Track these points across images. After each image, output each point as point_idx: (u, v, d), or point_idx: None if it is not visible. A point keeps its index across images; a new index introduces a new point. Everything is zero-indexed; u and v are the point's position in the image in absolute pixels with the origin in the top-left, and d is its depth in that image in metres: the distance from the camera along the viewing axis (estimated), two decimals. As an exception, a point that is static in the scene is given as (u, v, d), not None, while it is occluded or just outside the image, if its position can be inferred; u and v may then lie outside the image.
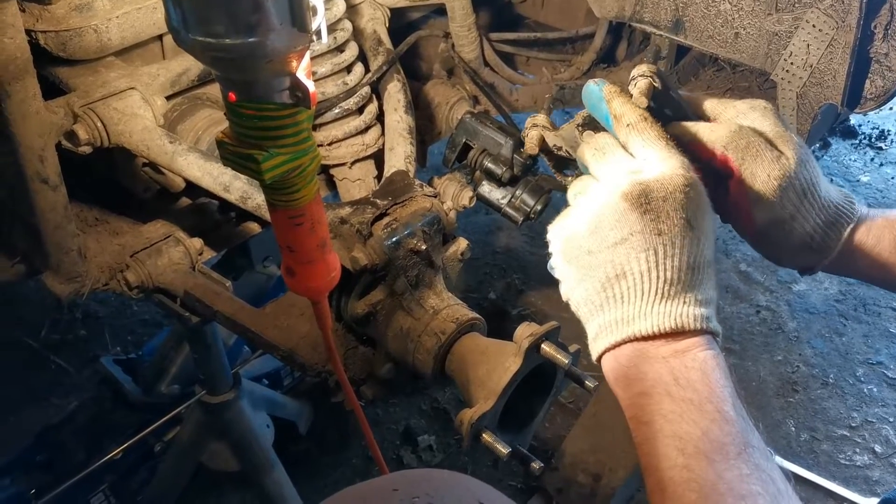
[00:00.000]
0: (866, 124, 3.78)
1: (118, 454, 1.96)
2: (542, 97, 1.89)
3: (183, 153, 1.27)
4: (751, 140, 0.87)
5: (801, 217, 0.89)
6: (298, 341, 1.20)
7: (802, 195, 0.88)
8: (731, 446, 0.68)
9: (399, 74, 1.57)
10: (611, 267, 0.75)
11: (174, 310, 1.39)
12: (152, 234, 1.39)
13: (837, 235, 0.92)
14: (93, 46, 1.27)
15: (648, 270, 0.74)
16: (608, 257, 0.75)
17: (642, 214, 0.75)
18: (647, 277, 0.74)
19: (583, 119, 0.98)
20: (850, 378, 2.58)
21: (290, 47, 0.70)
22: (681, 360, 0.73)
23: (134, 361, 2.18)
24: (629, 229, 0.75)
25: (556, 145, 1.00)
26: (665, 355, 0.73)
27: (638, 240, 0.74)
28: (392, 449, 2.31)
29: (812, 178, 0.89)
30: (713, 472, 0.67)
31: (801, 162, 0.88)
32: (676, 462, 0.68)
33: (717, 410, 0.70)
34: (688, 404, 0.70)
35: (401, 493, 0.69)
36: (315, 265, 0.88)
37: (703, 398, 0.71)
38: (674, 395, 0.71)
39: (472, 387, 1.07)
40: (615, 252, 0.75)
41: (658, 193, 0.75)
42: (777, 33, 1.50)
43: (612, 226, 0.76)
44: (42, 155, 1.16)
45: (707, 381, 0.72)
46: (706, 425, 0.69)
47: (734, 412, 0.70)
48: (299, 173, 0.79)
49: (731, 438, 0.69)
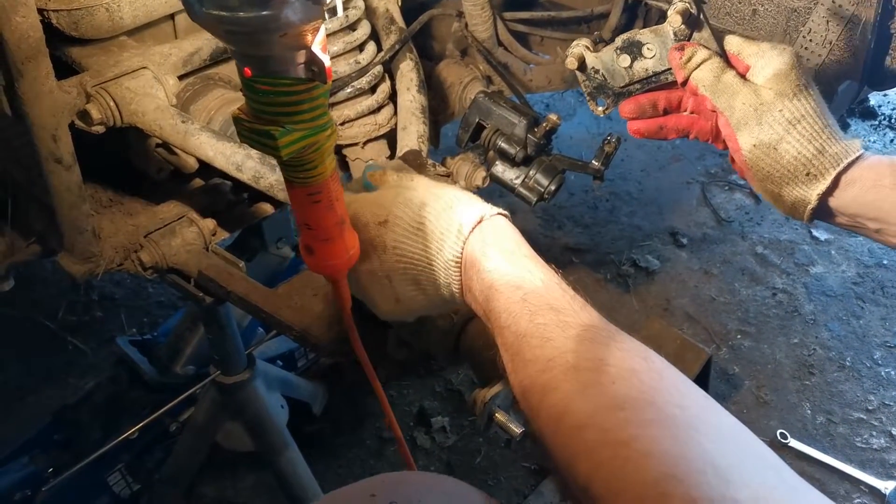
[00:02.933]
0: (886, 105, 3.73)
1: (134, 434, 1.98)
2: (556, 77, 1.87)
3: (195, 133, 1.27)
4: (725, 81, 0.95)
5: (788, 143, 0.92)
6: (312, 321, 1.20)
7: (791, 123, 0.92)
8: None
9: (412, 53, 1.56)
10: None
11: (188, 290, 1.40)
12: (166, 214, 1.39)
13: (834, 163, 0.92)
14: (105, 25, 1.27)
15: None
16: None
17: None
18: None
19: (622, 42, 1.00)
20: (868, 361, 2.55)
21: (305, 20, 0.69)
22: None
23: (149, 342, 2.19)
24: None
25: (595, 68, 1.02)
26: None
27: None
28: (406, 430, 2.32)
29: (807, 112, 0.92)
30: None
31: (791, 97, 0.92)
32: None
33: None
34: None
35: (378, 499, 0.68)
36: (334, 242, 0.88)
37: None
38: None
39: (485, 367, 1.07)
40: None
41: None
42: (796, 9, 1.48)
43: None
44: (55, 135, 1.16)
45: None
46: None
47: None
48: (316, 149, 0.78)
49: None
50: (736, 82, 0.95)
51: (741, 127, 0.94)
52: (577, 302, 0.79)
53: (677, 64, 0.98)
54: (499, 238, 0.86)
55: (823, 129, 0.93)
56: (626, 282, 2.82)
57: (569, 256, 2.88)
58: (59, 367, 2.47)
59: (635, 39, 1.01)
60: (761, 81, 0.94)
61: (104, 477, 1.97)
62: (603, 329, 0.75)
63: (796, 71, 0.94)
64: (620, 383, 0.68)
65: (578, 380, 0.69)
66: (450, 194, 0.90)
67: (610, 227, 3.02)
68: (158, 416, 2.02)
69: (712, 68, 0.96)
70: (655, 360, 0.72)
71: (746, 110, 0.93)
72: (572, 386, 0.69)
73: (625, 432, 0.63)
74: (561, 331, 0.74)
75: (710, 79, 0.95)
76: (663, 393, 0.67)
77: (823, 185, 0.93)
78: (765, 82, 0.94)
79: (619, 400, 0.66)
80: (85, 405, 2.06)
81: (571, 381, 0.69)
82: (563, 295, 0.80)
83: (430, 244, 0.87)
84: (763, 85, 0.94)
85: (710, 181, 3.29)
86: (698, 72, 0.96)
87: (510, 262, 0.83)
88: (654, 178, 3.30)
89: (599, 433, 0.64)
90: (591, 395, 0.68)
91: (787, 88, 0.93)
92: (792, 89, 0.93)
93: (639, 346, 0.74)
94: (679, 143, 3.55)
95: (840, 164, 0.93)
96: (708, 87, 0.95)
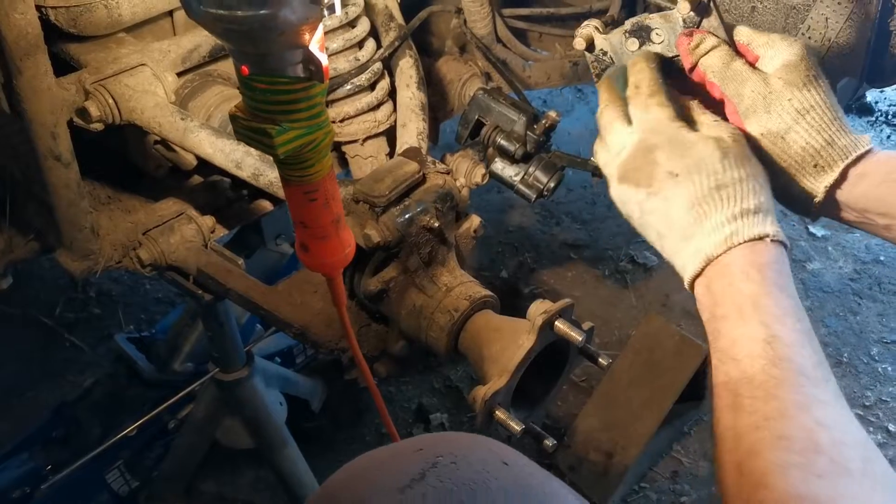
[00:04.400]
0: (883, 101, 3.73)
1: (133, 431, 1.98)
2: (555, 73, 1.87)
3: (194, 130, 1.26)
4: (735, 68, 0.94)
5: (796, 132, 0.91)
6: (312, 318, 1.20)
7: (799, 113, 0.91)
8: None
9: (411, 50, 1.56)
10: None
11: (187, 287, 1.40)
12: (164, 211, 1.39)
13: (842, 155, 0.91)
14: (103, 22, 1.27)
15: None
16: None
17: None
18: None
19: (632, 26, 1.00)
20: (865, 357, 2.56)
21: (303, 19, 0.69)
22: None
23: (147, 339, 2.19)
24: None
25: (603, 49, 1.02)
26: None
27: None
28: (405, 427, 2.32)
29: (816, 103, 0.91)
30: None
31: (801, 87, 0.91)
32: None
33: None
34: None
35: (425, 453, 0.68)
36: (329, 241, 0.88)
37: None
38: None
39: (485, 364, 1.07)
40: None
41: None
42: (795, 7, 1.48)
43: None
44: (54, 132, 1.16)
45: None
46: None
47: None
48: (313, 148, 0.78)
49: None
50: (745, 70, 0.93)
51: (749, 115, 0.93)
52: (824, 370, 0.75)
53: (685, 50, 0.97)
54: (771, 264, 0.82)
55: (833, 120, 0.92)
56: (625, 278, 2.82)
57: (567, 252, 2.88)
58: (57, 364, 2.47)
59: (644, 24, 1.00)
60: (771, 71, 0.94)
61: (103, 474, 1.98)
62: (835, 412, 0.72)
63: (807, 62, 0.92)
64: (826, 480, 0.67)
65: (786, 456, 0.68)
66: (753, 191, 0.85)
67: (608, 224, 3.02)
68: (157, 413, 2.02)
69: (721, 55, 0.95)
70: (877, 466, 0.70)
71: (755, 98, 0.92)
72: (777, 459, 0.68)
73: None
74: (793, 394, 0.72)
75: (719, 66, 0.94)
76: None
77: (832, 176, 0.92)
78: (774, 72, 0.93)
79: (817, 497, 0.65)
80: (83, 402, 2.06)
81: (778, 453, 0.69)
82: (812, 356, 0.76)
83: (698, 226, 0.85)
84: (773, 74, 0.93)
85: (709, 177, 3.29)
86: (707, 58, 0.95)
87: (769, 294, 0.79)
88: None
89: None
90: (791, 478, 0.67)
91: (797, 78, 0.91)
92: (802, 79, 0.91)
93: (862, 445, 0.71)
94: (677, 140, 3.54)
95: (849, 156, 0.91)
96: (717, 73, 0.94)
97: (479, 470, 0.67)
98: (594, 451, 2.16)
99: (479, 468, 0.67)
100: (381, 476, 0.68)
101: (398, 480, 0.65)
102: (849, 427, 0.72)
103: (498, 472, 0.67)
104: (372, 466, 0.71)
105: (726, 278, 0.82)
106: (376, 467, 0.71)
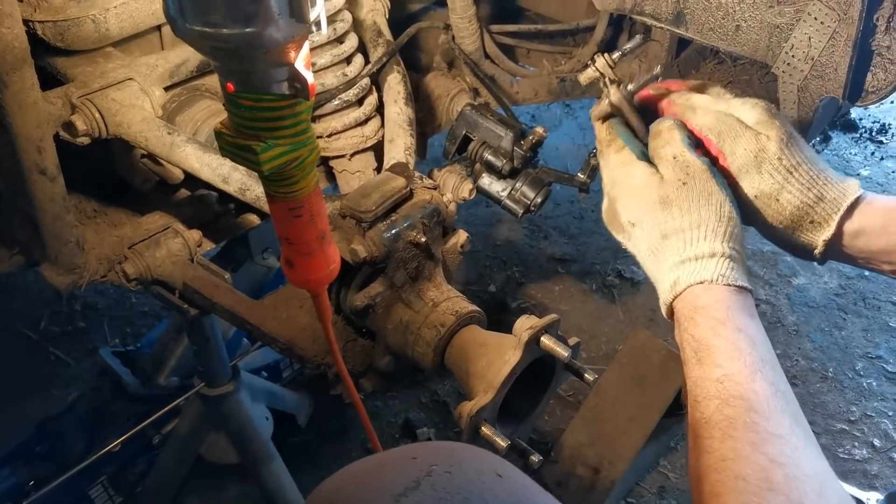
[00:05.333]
0: (867, 118, 3.77)
1: (117, 446, 1.96)
2: (542, 89, 1.88)
3: (181, 144, 1.26)
4: (729, 123, 0.94)
5: (789, 192, 0.93)
6: (298, 333, 1.20)
7: (789, 172, 0.93)
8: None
9: (399, 66, 1.57)
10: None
11: (173, 301, 1.39)
12: (151, 225, 1.39)
13: (835, 209, 0.93)
14: (91, 37, 1.27)
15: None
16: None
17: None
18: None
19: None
20: (850, 372, 2.57)
21: (289, 38, 0.69)
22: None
23: (133, 353, 2.17)
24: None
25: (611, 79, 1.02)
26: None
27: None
28: (391, 442, 2.31)
29: (802, 159, 0.93)
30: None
31: (786, 143, 0.93)
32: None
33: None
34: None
35: (419, 462, 0.69)
36: (314, 257, 0.88)
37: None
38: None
39: (471, 379, 1.07)
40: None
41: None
42: (778, 26, 1.50)
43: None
44: (40, 146, 1.15)
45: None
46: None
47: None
48: (298, 165, 0.79)
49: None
50: (738, 126, 0.95)
51: (742, 175, 0.95)
52: (780, 400, 0.77)
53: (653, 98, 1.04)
54: (713, 304, 0.84)
55: (819, 173, 0.94)
56: (612, 292, 2.83)
57: (554, 267, 2.89)
58: (41, 378, 2.45)
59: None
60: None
61: (86, 489, 1.95)
62: (790, 445, 0.74)
63: (778, 118, 0.95)
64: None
65: (743, 498, 0.70)
66: (697, 240, 0.87)
67: (595, 238, 3.03)
68: (142, 427, 2.00)
69: (715, 113, 0.97)
70: (832, 496, 0.71)
71: (747, 157, 0.94)
72: (735, 501, 0.70)
73: None
74: (746, 432, 0.74)
75: (713, 122, 0.96)
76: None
77: (829, 231, 0.94)
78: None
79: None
80: (67, 417, 2.04)
81: (736, 495, 0.70)
82: (765, 388, 0.77)
83: (657, 274, 0.90)
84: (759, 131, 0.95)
85: (695, 193, 3.31)
86: (701, 117, 0.97)
87: (717, 334, 0.81)
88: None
89: None
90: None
91: (780, 135, 0.94)
92: (782, 136, 0.94)
93: (817, 478, 0.73)
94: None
95: (840, 208, 0.93)
96: (712, 130, 0.96)
97: (474, 480, 0.67)
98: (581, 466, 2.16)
99: (473, 478, 0.67)
100: (376, 482, 0.68)
101: (393, 487, 0.65)
102: (803, 460, 0.73)
103: (492, 483, 0.67)
104: (367, 473, 0.72)
105: (680, 324, 0.86)
106: (371, 474, 0.71)
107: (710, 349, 0.81)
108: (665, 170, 0.92)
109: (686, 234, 0.88)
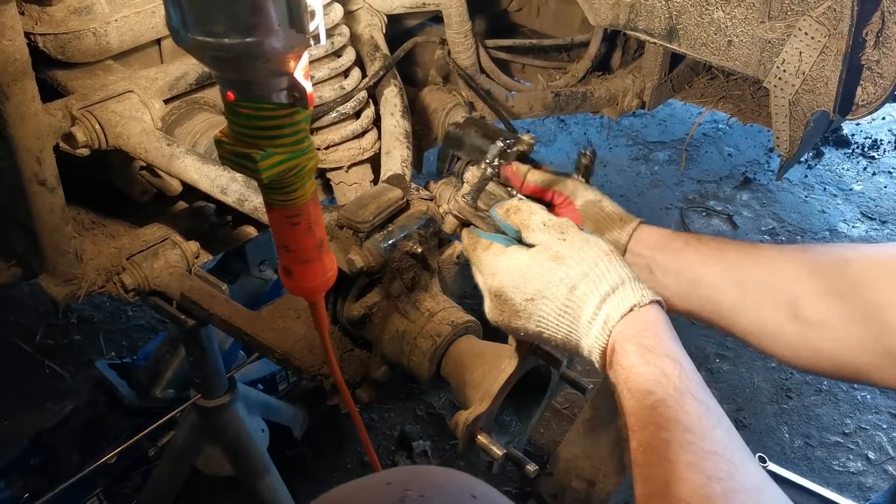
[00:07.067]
0: (859, 133, 3.81)
1: (112, 458, 1.95)
2: (537, 104, 1.90)
3: (180, 156, 1.28)
4: (553, 177, 1.22)
5: (606, 200, 1.20)
6: (294, 344, 1.20)
7: (602, 194, 1.21)
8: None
9: (396, 79, 1.58)
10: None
11: (170, 312, 1.40)
12: (149, 237, 1.40)
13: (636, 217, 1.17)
14: (91, 49, 1.28)
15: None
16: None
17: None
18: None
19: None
20: (844, 385, 2.58)
21: (288, 48, 0.71)
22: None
23: (129, 366, 2.17)
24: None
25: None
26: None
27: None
28: (387, 454, 2.31)
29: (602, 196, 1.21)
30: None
31: (593, 189, 1.21)
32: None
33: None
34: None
35: (394, 487, 0.69)
36: (312, 265, 0.89)
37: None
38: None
39: (467, 389, 1.08)
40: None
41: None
42: (770, 41, 1.52)
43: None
44: (40, 157, 1.16)
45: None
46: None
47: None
48: (297, 173, 0.80)
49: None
50: (559, 177, 1.22)
51: (575, 195, 1.20)
52: (711, 417, 0.80)
53: (513, 175, 1.24)
54: (641, 331, 0.87)
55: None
56: (607, 306, 2.84)
57: (550, 281, 2.90)
58: (36, 390, 2.44)
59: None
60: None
61: (82, 502, 1.95)
62: (726, 461, 0.76)
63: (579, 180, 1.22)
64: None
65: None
66: (604, 274, 0.91)
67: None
68: (137, 440, 2.00)
69: (539, 173, 1.22)
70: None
71: (575, 185, 1.21)
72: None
73: None
74: (682, 454, 0.76)
75: (542, 178, 1.21)
76: None
77: (632, 226, 1.16)
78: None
79: None
80: (62, 429, 2.03)
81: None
82: (695, 407, 0.80)
83: (577, 327, 0.91)
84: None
85: (688, 207, 3.34)
86: (531, 175, 1.22)
87: (646, 361, 0.84)
88: (634, 204, 3.34)
89: None
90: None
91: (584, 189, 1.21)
92: (590, 190, 1.20)
93: (755, 488, 0.75)
94: (658, 170, 3.60)
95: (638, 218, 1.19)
96: (544, 182, 1.22)
97: (449, 503, 0.68)
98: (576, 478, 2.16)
99: (448, 501, 0.68)
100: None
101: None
102: (738, 473, 0.76)
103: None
104: (342, 500, 0.72)
105: (611, 360, 0.89)
106: (347, 501, 0.71)
107: (640, 377, 0.84)
108: (540, 236, 0.98)
109: (590, 275, 0.92)
